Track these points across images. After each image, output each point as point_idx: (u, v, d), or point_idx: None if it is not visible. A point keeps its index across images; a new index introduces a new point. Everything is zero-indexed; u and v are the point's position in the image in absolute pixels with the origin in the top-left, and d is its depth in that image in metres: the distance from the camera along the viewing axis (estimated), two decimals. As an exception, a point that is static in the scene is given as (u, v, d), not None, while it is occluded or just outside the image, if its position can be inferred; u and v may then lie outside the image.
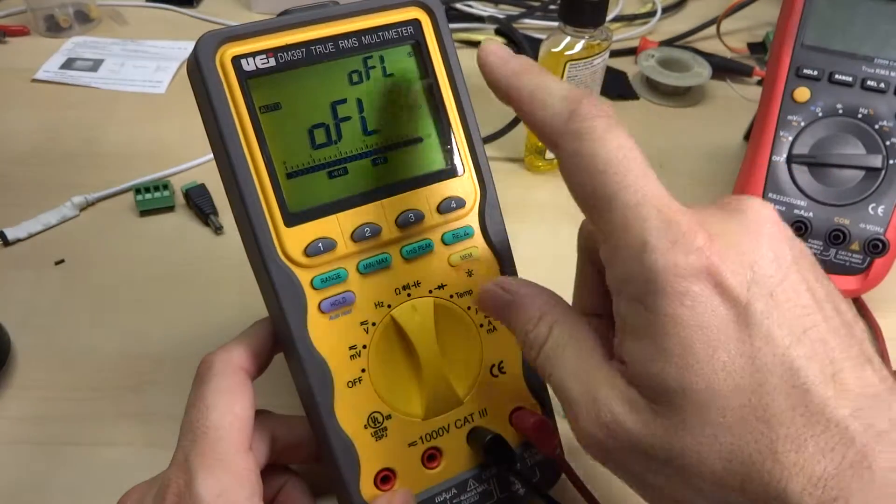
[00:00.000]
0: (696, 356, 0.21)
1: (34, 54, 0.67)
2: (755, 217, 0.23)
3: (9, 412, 0.39)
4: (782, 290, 0.22)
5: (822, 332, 0.22)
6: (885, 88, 0.46)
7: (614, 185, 0.22)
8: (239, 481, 0.27)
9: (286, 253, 0.29)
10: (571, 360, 0.24)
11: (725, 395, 0.21)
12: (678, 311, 0.21)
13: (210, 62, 0.27)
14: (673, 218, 0.22)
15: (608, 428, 0.23)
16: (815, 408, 0.20)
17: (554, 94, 0.24)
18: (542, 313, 0.26)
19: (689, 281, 0.21)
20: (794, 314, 0.21)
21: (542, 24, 0.76)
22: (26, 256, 0.48)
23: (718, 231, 0.22)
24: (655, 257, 0.21)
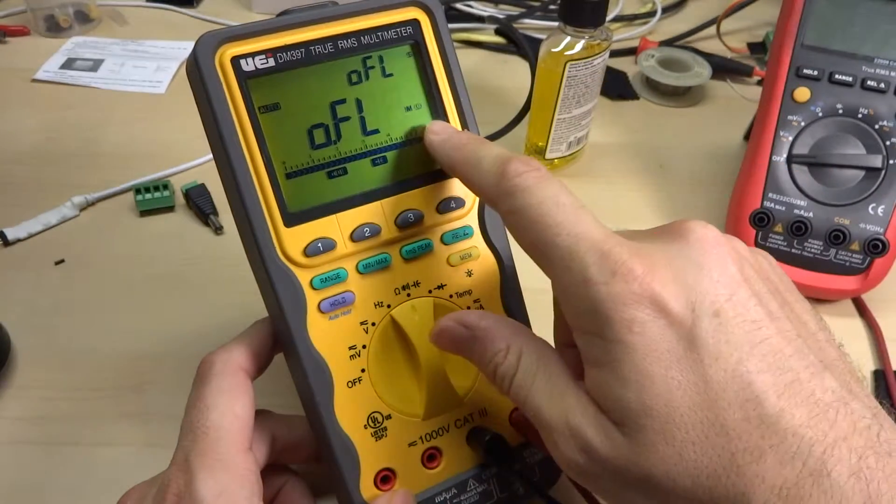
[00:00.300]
0: (651, 378, 0.22)
1: (34, 54, 0.67)
2: (697, 240, 0.24)
3: (9, 412, 0.39)
4: (729, 307, 0.22)
5: (774, 344, 0.22)
6: (885, 88, 0.46)
7: (549, 233, 0.24)
8: (239, 481, 0.27)
9: (286, 253, 0.29)
10: (543, 387, 0.25)
11: (685, 414, 0.21)
12: (629, 339, 0.22)
13: (209, 62, 0.27)
14: (610, 251, 0.23)
15: (585, 453, 0.23)
16: (770, 419, 0.21)
17: (485, 160, 0.27)
18: (508, 344, 0.26)
19: (634, 308, 0.22)
20: (742, 329, 0.22)
21: (542, 24, 0.76)
22: (26, 256, 0.48)
23: (658, 257, 0.23)
24: (598, 290, 0.23)
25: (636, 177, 0.57)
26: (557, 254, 0.24)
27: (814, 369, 0.22)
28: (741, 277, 0.23)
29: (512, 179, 0.25)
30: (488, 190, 0.26)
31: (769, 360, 0.22)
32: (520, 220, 0.25)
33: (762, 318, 0.23)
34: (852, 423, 0.21)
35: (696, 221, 0.25)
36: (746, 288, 0.23)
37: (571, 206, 0.25)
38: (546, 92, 0.52)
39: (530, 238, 0.25)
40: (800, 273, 0.46)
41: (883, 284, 0.46)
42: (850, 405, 0.21)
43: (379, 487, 0.30)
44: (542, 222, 0.24)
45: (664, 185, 0.56)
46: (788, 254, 0.46)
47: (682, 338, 0.22)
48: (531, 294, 0.33)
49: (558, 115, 0.52)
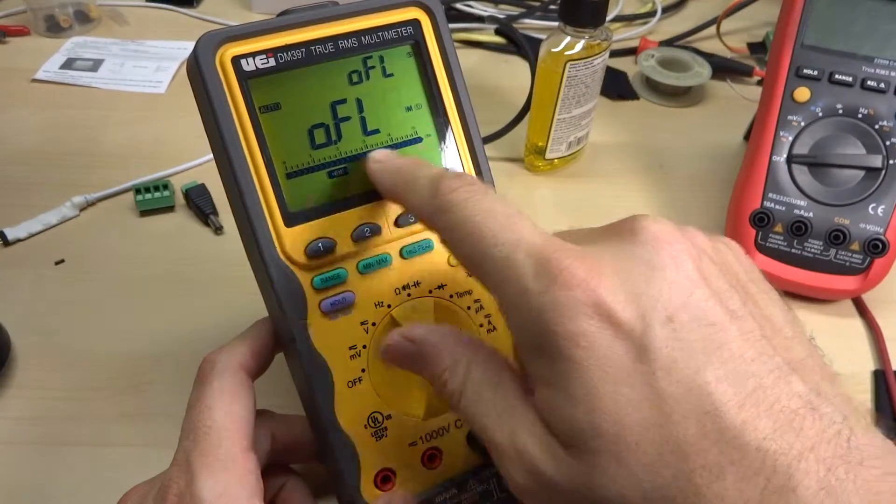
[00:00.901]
0: (600, 397, 0.20)
1: (34, 54, 0.67)
2: (648, 238, 0.22)
3: (9, 412, 0.39)
4: (684, 311, 0.20)
5: (736, 349, 0.20)
6: (885, 88, 0.46)
7: (484, 244, 0.22)
8: (240, 481, 0.27)
9: (286, 253, 0.29)
10: (491, 405, 0.23)
11: (637, 433, 0.20)
12: (574, 353, 0.20)
13: (210, 62, 0.27)
14: (549, 257, 0.21)
15: (532, 476, 0.22)
16: (729, 433, 0.19)
17: (420, 179, 0.25)
18: (455, 359, 0.25)
19: (578, 318, 0.20)
20: (699, 335, 0.20)
21: (542, 24, 0.76)
22: (26, 256, 0.48)
23: (604, 260, 0.21)
24: (537, 300, 0.21)
25: (636, 177, 0.57)
26: (494, 266, 0.22)
27: (779, 373, 0.20)
28: (698, 276, 0.21)
29: (445, 196, 0.24)
30: (424, 209, 0.25)
31: (729, 367, 0.20)
32: (454, 236, 0.24)
33: (721, 319, 0.21)
34: (821, 431, 0.19)
35: (648, 216, 0.23)
36: (704, 287, 0.21)
37: (506, 214, 0.23)
38: (546, 92, 0.52)
39: (467, 253, 0.23)
40: (800, 273, 0.46)
41: (883, 284, 0.46)
42: (819, 410, 0.20)
43: (379, 487, 0.30)
44: (477, 234, 0.23)
45: (664, 185, 0.56)
46: (788, 254, 0.46)
47: (631, 349, 0.20)
48: (531, 294, 0.33)
49: (558, 115, 0.52)
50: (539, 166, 0.56)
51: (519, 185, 0.55)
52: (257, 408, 0.30)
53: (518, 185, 0.55)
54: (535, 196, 0.55)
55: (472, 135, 0.32)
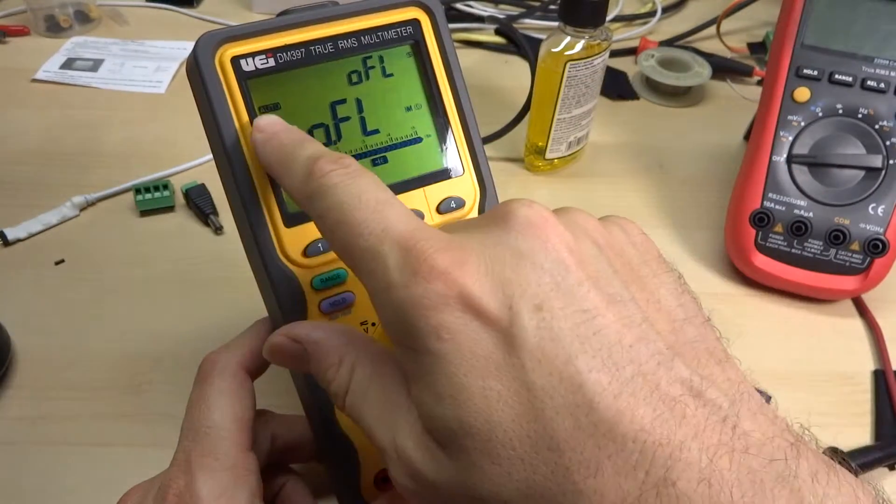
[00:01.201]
0: (468, 393, 0.19)
1: (34, 54, 0.67)
2: (519, 223, 0.21)
3: (9, 412, 0.39)
4: (556, 298, 0.19)
5: (613, 335, 0.19)
6: (885, 88, 0.46)
7: (352, 233, 0.21)
8: (239, 482, 0.27)
9: (286, 253, 0.29)
10: (376, 404, 0.22)
11: (509, 429, 0.19)
12: (439, 348, 0.19)
13: (209, 62, 0.27)
14: (413, 247, 0.20)
15: (413, 478, 0.21)
16: (605, 426, 0.18)
17: (297, 160, 0.24)
18: (340, 358, 0.24)
19: (441, 311, 0.19)
20: (572, 322, 0.19)
21: (542, 24, 0.76)
22: (26, 256, 0.48)
23: (471, 248, 0.20)
24: (399, 294, 0.20)
25: (636, 177, 0.57)
26: (361, 257, 0.21)
27: (660, 358, 0.19)
28: (573, 260, 0.20)
29: (318, 180, 0.22)
30: (297, 193, 0.23)
31: (603, 355, 0.19)
32: (324, 224, 0.22)
33: (596, 305, 0.19)
34: (704, 418, 0.18)
35: (520, 201, 0.21)
36: (578, 272, 0.20)
37: (376, 200, 0.21)
38: (546, 92, 0.52)
39: (336, 242, 0.22)
40: (800, 273, 0.46)
41: (883, 284, 0.46)
42: (704, 395, 0.19)
43: (379, 488, 0.30)
44: (346, 222, 0.21)
45: (664, 185, 0.56)
46: (788, 254, 0.46)
47: (499, 341, 0.19)
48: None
49: (558, 115, 0.52)
50: (539, 166, 0.56)
51: (519, 185, 0.55)
52: (257, 408, 0.30)
53: (518, 185, 0.55)
54: (535, 196, 0.54)
55: (472, 135, 0.32)
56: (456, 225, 0.23)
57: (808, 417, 0.22)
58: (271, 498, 0.32)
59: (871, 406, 0.41)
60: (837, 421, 0.41)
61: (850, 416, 0.41)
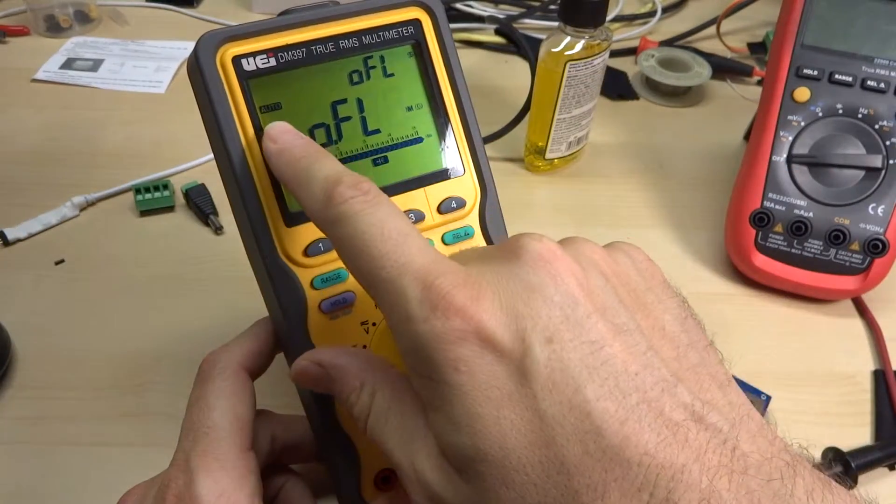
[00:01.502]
0: (483, 422, 0.20)
1: (34, 54, 0.67)
2: (529, 258, 0.22)
3: (9, 412, 0.39)
4: (565, 330, 0.20)
5: (619, 364, 0.20)
6: (885, 88, 0.46)
7: (374, 265, 0.22)
8: (239, 482, 0.27)
9: (286, 253, 0.29)
10: (395, 428, 0.23)
11: (522, 455, 0.20)
12: (456, 379, 0.20)
13: (210, 62, 0.27)
14: (433, 283, 0.21)
15: (431, 499, 0.22)
16: (612, 451, 0.19)
17: (315, 182, 0.24)
18: (361, 382, 0.25)
19: (458, 345, 0.20)
20: (580, 353, 0.20)
21: (542, 24, 0.76)
22: (26, 256, 0.48)
23: (486, 283, 0.21)
24: (418, 328, 0.21)
25: (636, 177, 0.57)
26: (383, 288, 0.22)
27: (664, 385, 0.20)
28: (581, 292, 0.21)
29: (338, 206, 0.23)
30: (317, 216, 0.24)
31: (610, 384, 0.20)
32: (346, 252, 0.23)
33: (604, 335, 0.20)
34: (706, 441, 0.19)
35: (530, 235, 0.22)
36: (587, 304, 0.21)
37: (398, 233, 0.22)
38: (546, 92, 0.52)
39: (357, 271, 0.23)
40: (800, 273, 0.46)
41: (883, 284, 0.46)
42: (706, 419, 0.20)
43: (379, 488, 0.30)
44: (367, 254, 0.22)
45: (664, 185, 0.56)
46: (788, 254, 0.46)
47: (512, 372, 0.20)
48: (532, 294, 0.33)
49: (558, 115, 0.52)
50: (539, 166, 0.56)
51: (519, 185, 0.55)
52: (257, 408, 0.30)
53: (518, 185, 0.55)
54: (535, 196, 0.55)
55: (473, 135, 0.32)
56: (469, 255, 0.24)
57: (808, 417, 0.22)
58: (271, 498, 0.32)
59: (871, 406, 0.41)
60: (837, 421, 0.41)
61: (850, 416, 0.41)
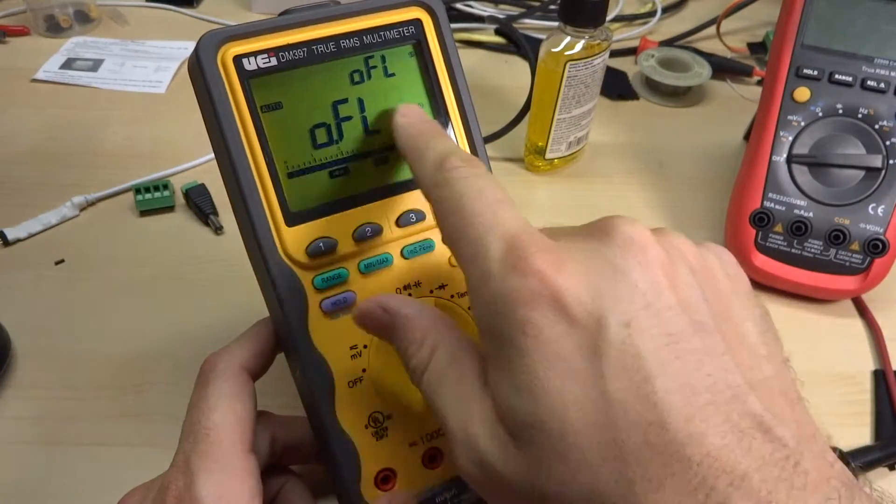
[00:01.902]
0: (545, 390, 0.20)
1: (34, 54, 0.67)
2: (621, 240, 0.22)
3: (9, 412, 0.39)
4: (645, 317, 0.20)
5: (693, 361, 0.20)
6: (885, 88, 0.46)
7: (464, 222, 0.23)
8: (240, 484, 0.27)
9: (287, 253, 0.29)
10: (451, 388, 0.23)
11: (581, 432, 0.19)
12: (522, 342, 0.20)
13: (211, 61, 0.27)
14: (517, 244, 0.21)
15: (480, 465, 0.22)
16: (673, 446, 0.19)
17: (432, 150, 0.25)
18: (423, 336, 0.25)
19: (530, 307, 0.20)
20: (656, 343, 0.20)
21: (542, 24, 0.76)
22: (26, 256, 0.48)
23: (571, 255, 0.21)
24: (494, 284, 0.21)
25: (636, 177, 0.57)
26: (468, 243, 0.22)
27: (735, 391, 0.20)
28: (667, 283, 0.21)
29: (447, 171, 0.24)
30: (424, 179, 0.25)
31: (682, 379, 0.19)
32: (442, 208, 0.24)
33: (683, 330, 0.20)
34: (769, 453, 0.19)
35: (624, 218, 0.22)
36: (671, 295, 0.21)
37: (494, 198, 0.23)
38: (546, 92, 0.52)
39: (448, 228, 0.23)
40: (800, 273, 0.46)
41: (883, 284, 0.46)
42: (772, 432, 0.19)
43: (379, 487, 0.30)
44: (460, 211, 0.23)
45: (664, 185, 0.56)
46: (788, 254, 0.46)
47: (583, 346, 0.20)
48: (532, 294, 0.33)
49: (558, 115, 0.52)
50: (539, 166, 0.56)
51: (519, 185, 0.55)
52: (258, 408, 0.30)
53: (518, 185, 0.55)
54: (535, 196, 0.55)
55: (473, 134, 0.32)
56: (559, 231, 0.24)
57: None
58: (271, 499, 0.32)
59: (871, 406, 0.41)
60: (837, 421, 0.41)
61: (850, 416, 0.41)
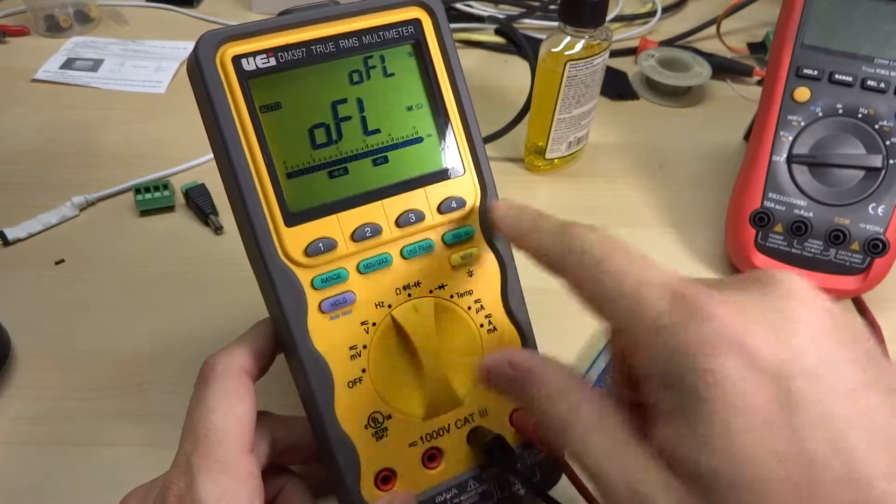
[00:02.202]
0: (736, 442, 0.19)
1: (34, 54, 0.67)
2: (787, 291, 0.21)
3: (9, 412, 0.39)
4: (828, 367, 0.20)
5: (881, 418, 0.19)
6: (885, 88, 0.46)
7: (611, 281, 0.23)
8: (240, 484, 0.27)
9: (286, 253, 0.29)
10: (605, 443, 0.22)
11: (775, 487, 0.18)
12: (710, 392, 0.19)
13: (210, 62, 0.27)
14: (684, 293, 0.21)
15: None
16: (875, 503, 0.18)
17: (545, 224, 0.27)
18: (560, 388, 0.24)
19: (717, 355, 0.20)
20: (843, 395, 0.19)
21: (542, 24, 0.76)
22: (26, 256, 0.48)
23: (743, 303, 0.21)
24: (667, 335, 0.21)
25: (636, 177, 0.57)
26: (622, 300, 0.22)
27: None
28: (836, 338, 0.20)
29: (575, 239, 0.25)
30: (551, 252, 0.26)
31: (875, 436, 0.19)
32: (581, 275, 0.24)
33: (862, 380, 0.20)
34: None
35: (784, 271, 0.22)
36: (843, 350, 0.20)
37: (635, 253, 0.23)
38: (546, 92, 0.52)
39: (595, 290, 0.23)
40: (800, 273, 0.46)
41: (883, 284, 0.46)
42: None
43: (379, 487, 0.30)
44: (605, 272, 0.23)
45: (664, 185, 0.56)
46: (788, 254, 0.46)
47: (774, 398, 0.19)
48: (531, 294, 0.33)
49: (558, 115, 0.52)
50: (539, 166, 0.56)
51: (519, 185, 0.55)
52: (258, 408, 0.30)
53: (518, 185, 0.55)
54: (535, 196, 0.55)
55: (473, 135, 0.32)
56: (710, 281, 0.23)
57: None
58: (271, 499, 0.32)
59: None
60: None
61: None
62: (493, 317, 0.32)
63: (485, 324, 0.32)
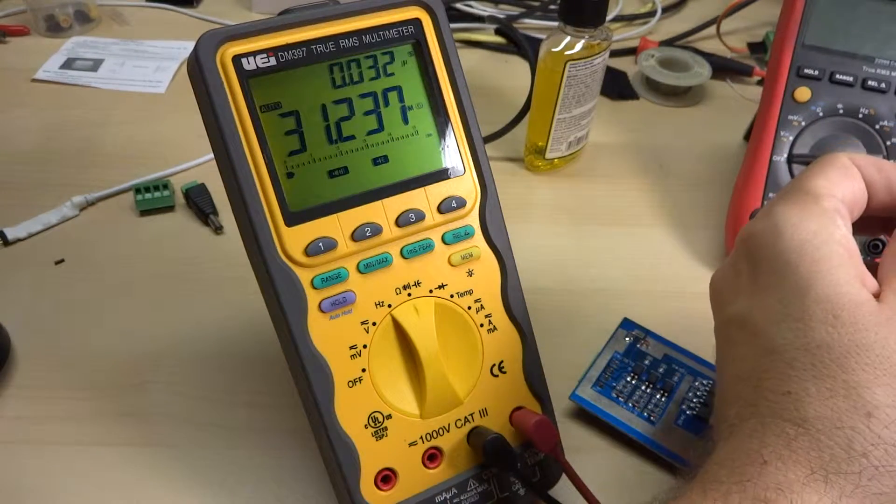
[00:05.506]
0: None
1: (34, 54, 0.67)
2: None
3: (9, 412, 0.39)
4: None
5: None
6: (886, 88, 0.46)
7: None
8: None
9: (286, 252, 0.29)
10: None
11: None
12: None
13: (210, 61, 0.27)
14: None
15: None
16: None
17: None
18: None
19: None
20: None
21: (542, 24, 0.76)
22: (26, 256, 0.48)
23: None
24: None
25: (636, 177, 0.57)
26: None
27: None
28: None
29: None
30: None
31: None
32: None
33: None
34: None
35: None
36: None
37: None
38: (546, 92, 0.52)
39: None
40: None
41: (883, 284, 0.46)
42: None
43: (379, 487, 0.30)
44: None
45: (664, 185, 0.56)
46: (789, 254, 0.46)
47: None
48: (531, 294, 0.33)
49: (558, 115, 0.52)
50: (539, 166, 0.56)
51: (519, 185, 0.55)
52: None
53: (518, 185, 0.55)
54: (535, 196, 0.55)
55: (473, 134, 0.32)
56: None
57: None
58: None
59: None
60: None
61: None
62: (493, 316, 0.32)
63: (485, 323, 0.32)
